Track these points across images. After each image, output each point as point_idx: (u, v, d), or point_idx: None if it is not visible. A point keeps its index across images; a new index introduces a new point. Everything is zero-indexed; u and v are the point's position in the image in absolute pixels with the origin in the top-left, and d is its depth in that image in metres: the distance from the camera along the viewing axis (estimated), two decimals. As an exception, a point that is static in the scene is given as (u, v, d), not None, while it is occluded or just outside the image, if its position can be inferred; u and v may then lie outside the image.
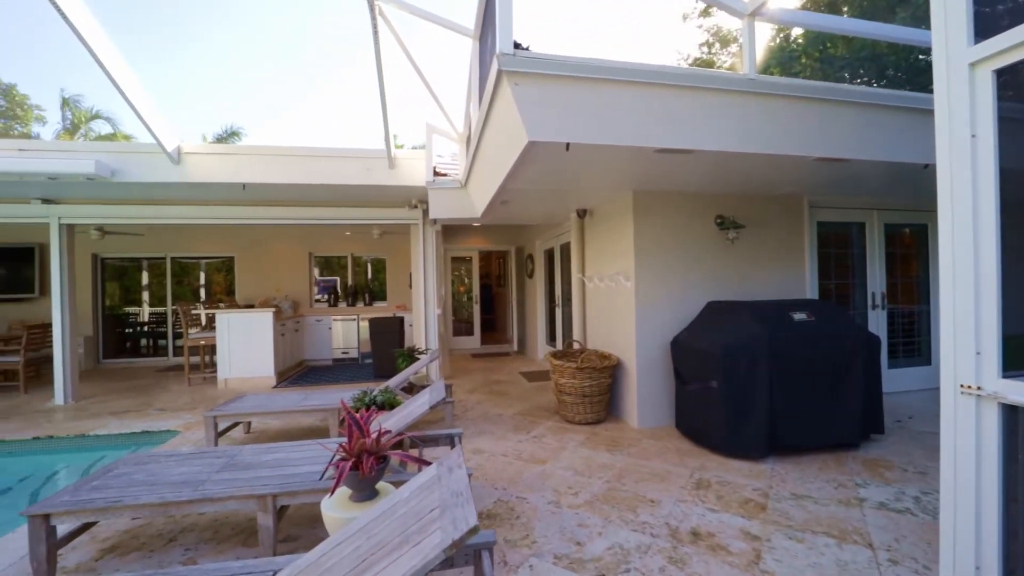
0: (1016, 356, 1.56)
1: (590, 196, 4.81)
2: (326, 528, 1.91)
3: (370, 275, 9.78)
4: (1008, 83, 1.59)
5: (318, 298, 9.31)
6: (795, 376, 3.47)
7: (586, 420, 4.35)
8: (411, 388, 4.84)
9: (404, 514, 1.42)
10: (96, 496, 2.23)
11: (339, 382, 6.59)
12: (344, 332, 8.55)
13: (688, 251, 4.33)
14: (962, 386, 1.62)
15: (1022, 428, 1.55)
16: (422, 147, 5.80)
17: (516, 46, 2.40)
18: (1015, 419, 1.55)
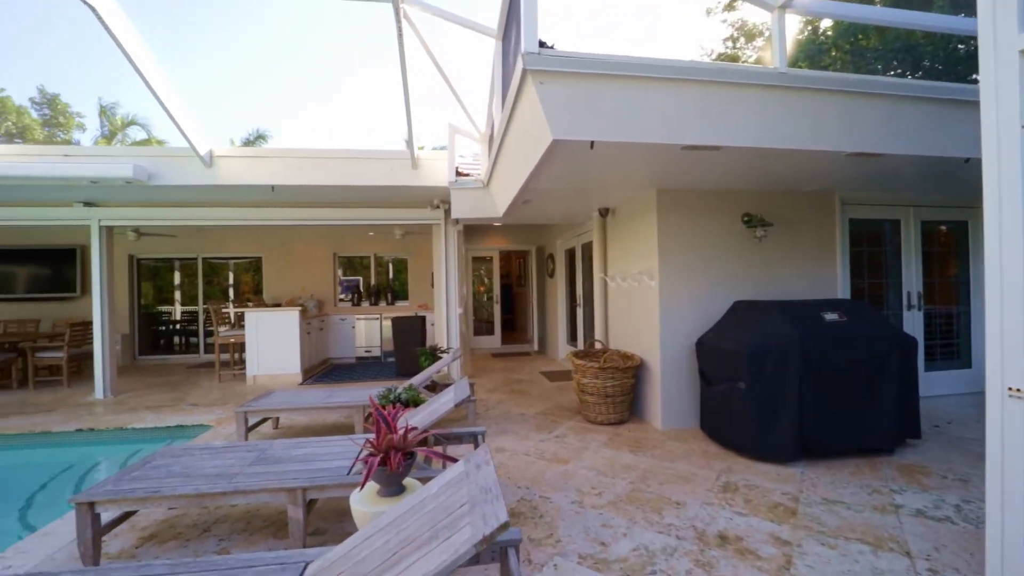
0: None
1: (613, 195, 4.76)
2: (355, 522, 1.94)
3: (391, 275, 9.91)
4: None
5: (342, 297, 9.49)
6: (826, 378, 3.37)
7: (608, 420, 4.32)
8: (434, 386, 4.88)
9: (433, 509, 1.43)
10: (137, 486, 2.32)
11: (362, 380, 6.69)
12: (367, 331, 8.69)
13: (714, 250, 4.25)
14: (1010, 389, 1.55)
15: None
16: (443, 148, 5.84)
17: (541, 44, 2.39)
18: (1069, 424, 1.48)
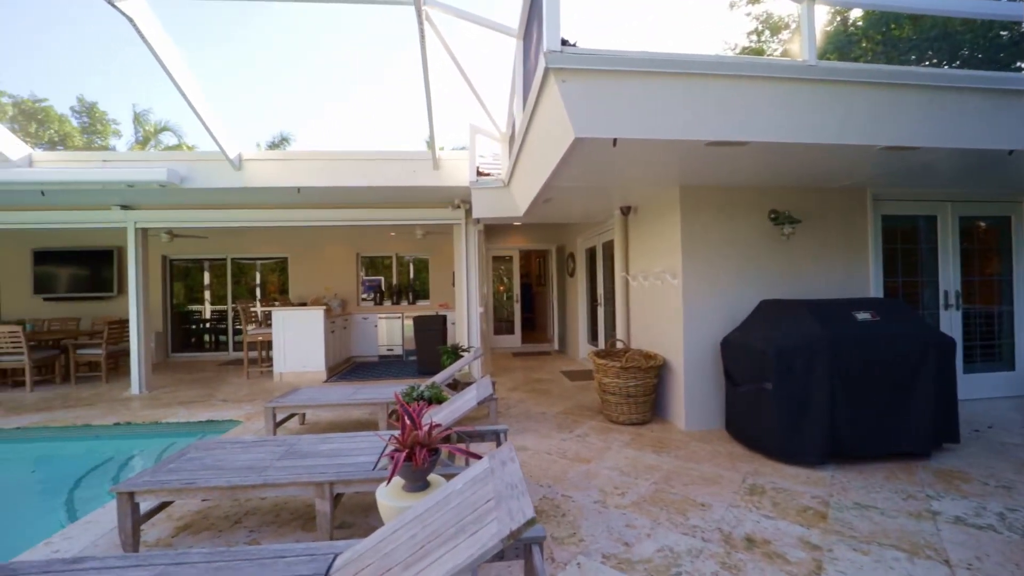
0: None
1: (635, 192, 4.72)
2: (380, 516, 1.97)
3: (412, 274, 10.02)
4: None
5: (364, 297, 9.64)
6: (858, 379, 3.27)
7: (631, 420, 4.28)
8: (455, 385, 4.92)
9: (459, 504, 1.45)
10: (173, 478, 2.41)
11: (385, 378, 6.79)
12: (389, 330, 8.81)
13: (739, 247, 4.16)
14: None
15: None
16: (463, 148, 5.88)
17: (563, 43, 2.39)
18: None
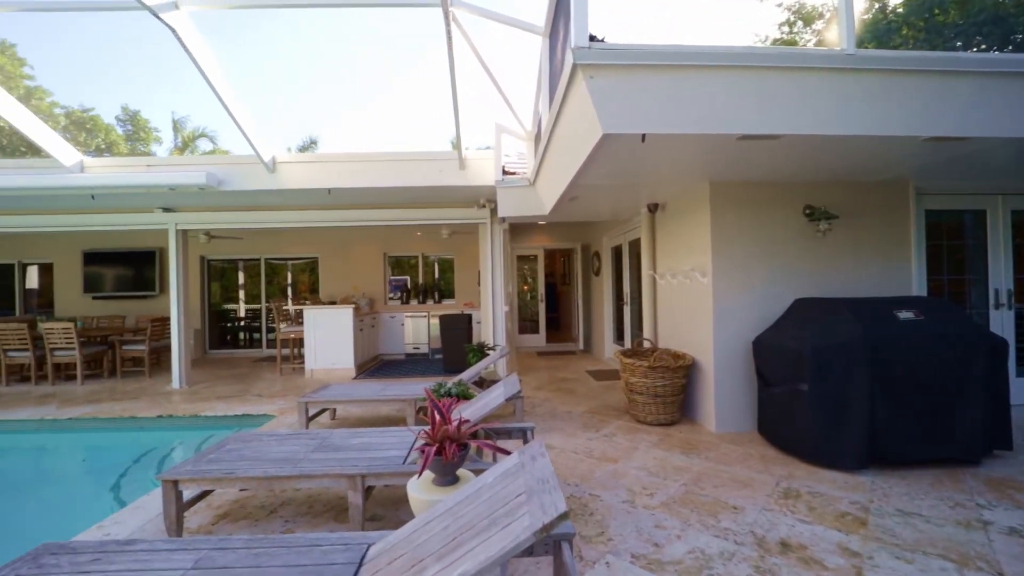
0: None
1: (663, 189, 4.64)
2: (411, 508, 2.01)
3: (437, 274, 10.14)
4: None
5: (391, 296, 9.80)
6: (900, 381, 3.13)
7: (658, 421, 4.22)
8: (481, 382, 4.96)
9: (490, 498, 1.46)
10: (213, 467, 2.51)
11: (411, 375, 6.90)
12: (415, 328, 8.93)
13: (772, 244, 4.05)
14: None
15: None
16: (487, 148, 5.90)
17: (591, 38, 2.38)
18: None
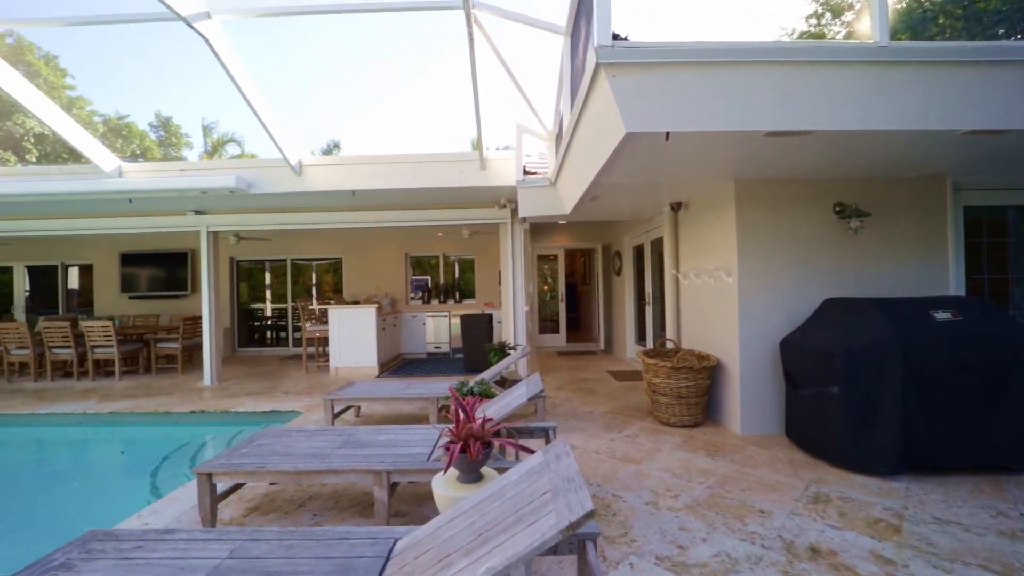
0: None
1: (686, 187, 4.58)
2: (436, 505, 2.04)
3: (457, 274, 10.22)
4: None
5: (413, 296, 9.93)
6: (936, 383, 3.01)
7: (682, 422, 4.16)
8: (503, 382, 4.98)
9: (515, 496, 1.48)
10: (246, 461, 2.60)
11: (433, 374, 6.97)
12: (436, 328, 9.03)
13: (800, 243, 3.95)
14: None
15: None
16: (507, 148, 5.92)
17: (614, 37, 2.36)
18: None
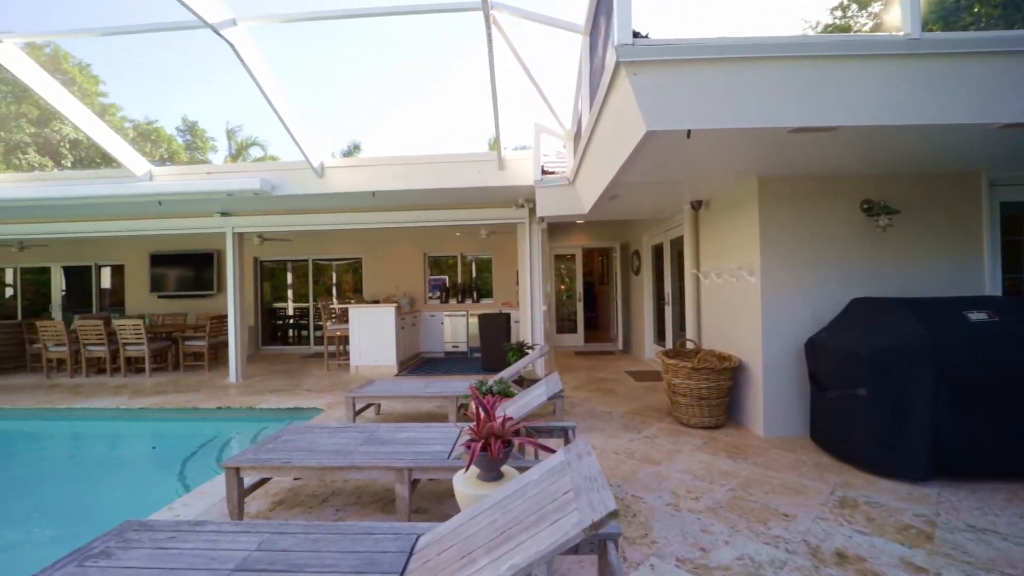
0: None
1: (707, 185, 4.51)
2: (457, 502, 2.06)
3: (475, 273, 10.27)
4: None
5: (431, 295, 10.01)
6: (970, 386, 2.91)
7: (702, 424, 4.11)
8: (521, 381, 4.99)
9: (537, 494, 1.48)
10: (272, 456, 2.66)
11: (451, 373, 7.02)
12: (454, 327, 9.08)
13: (825, 241, 3.86)
14: None
15: None
16: (524, 147, 5.92)
17: (635, 35, 2.35)
18: None
